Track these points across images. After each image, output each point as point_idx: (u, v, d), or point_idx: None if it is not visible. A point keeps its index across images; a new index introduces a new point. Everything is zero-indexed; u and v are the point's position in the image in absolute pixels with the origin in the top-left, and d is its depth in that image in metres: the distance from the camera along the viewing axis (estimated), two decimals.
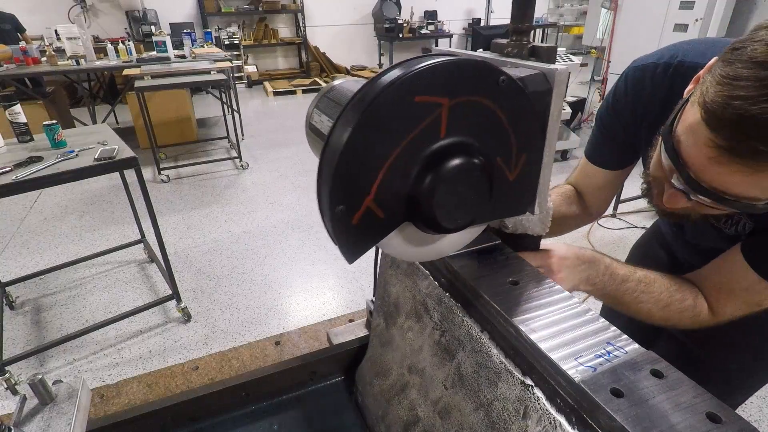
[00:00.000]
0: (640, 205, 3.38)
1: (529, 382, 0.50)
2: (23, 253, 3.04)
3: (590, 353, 0.47)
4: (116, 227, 3.33)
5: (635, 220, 3.30)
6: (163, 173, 4.10)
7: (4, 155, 1.97)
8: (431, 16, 8.98)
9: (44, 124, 2.04)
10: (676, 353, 0.99)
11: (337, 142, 0.39)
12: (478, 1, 9.30)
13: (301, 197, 3.78)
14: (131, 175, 2.10)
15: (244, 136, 5.28)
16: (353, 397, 0.95)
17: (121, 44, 4.60)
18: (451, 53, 0.43)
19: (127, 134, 4.69)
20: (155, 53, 4.70)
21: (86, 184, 3.99)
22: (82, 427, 0.62)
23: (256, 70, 8.19)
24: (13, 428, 0.58)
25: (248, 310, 2.45)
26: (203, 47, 5.86)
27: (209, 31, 7.10)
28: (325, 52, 8.62)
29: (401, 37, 8.42)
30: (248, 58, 8.21)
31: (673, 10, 5.06)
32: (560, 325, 0.51)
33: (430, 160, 0.41)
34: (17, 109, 2.04)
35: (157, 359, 2.13)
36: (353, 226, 0.41)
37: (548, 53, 0.50)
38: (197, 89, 6.88)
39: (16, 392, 1.93)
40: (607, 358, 0.46)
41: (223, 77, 4.04)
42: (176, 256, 2.93)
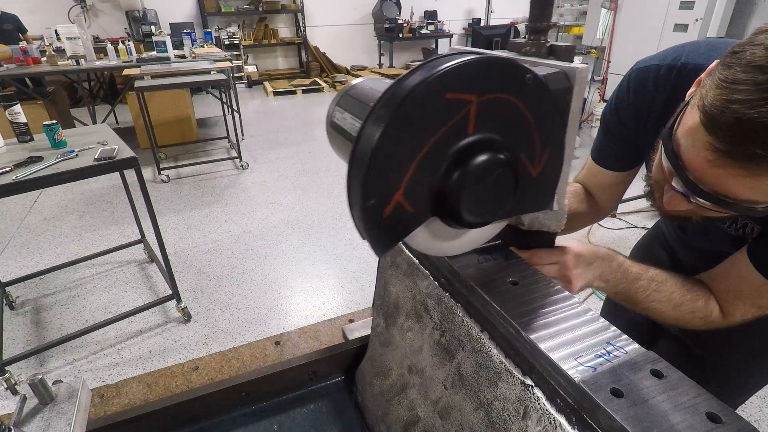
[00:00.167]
0: (640, 205, 3.38)
1: (529, 382, 0.50)
2: (23, 253, 3.04)
3: (590, 353, 0.47)
4: (116, 227, 3.33)
5: (635, 220, 3.30)
6: (163, 173, 4.10)
7: (4, 155, 1.97)
8: (431, 16, 8.98)
9: (44, 124, 2.04)
10: (676, 353, 0.99)
11: (369, 138, 0.39)
12: (478, 1, 9.30)
13: (301, 197, 3.78)
14: (131, 175, 2.10)
15: (244, 136, 5.28)
16: (353, 397, 0.95)
17: (121, 44, 4.60)
18: (472, 52, 0.44)
19: (127, 134, 4.69)
20: (155, 53, 4.71)
21: (86, 184, 3.99)
22: (82, 427, 0.62)
23: (256, 70, 8.19)
24: (13, 428, 0.58)
25: (248, 310, 2.45)
26: (203, 47, 5.86)
27: (209, 31, 7.10)
28: (325, 52, 8.62)
29: (401, 37, 8.42)
30: (248, 58, 8.21)
31: (673, 10, 5.06)
32: (560, 325, 0.51)
33: (458, 155, 0.42)
34: (17, 109, 2.04)
35: (157, 359, 2.13)
36: (383, 220, 0.42)
37: (567, 52, 0.51)
38: (197, 89, 6.88)
39: (16, 392, 1.93)
40: (607, 358, 0.46)
41: (223, 77, 4.04)
42: (176, 256, 2.93)
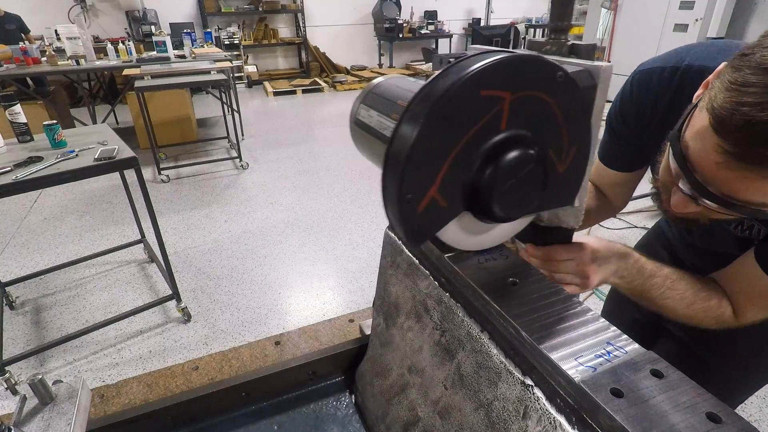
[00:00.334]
0: (640, 205, 3.38)
1: (529, 382, 0.50)
2: (23, 253, 3.04)
3: (590, 353, 0.47)
4: (116, 227, 3.33)
5: (635, 220, 3.30)
6: (163, 173, 4.10)
7: (4, 155, 1.97)
8: (431, 16, 8.98)
9: (44, 124, 2.04)
10: (677, 353, 0.99)
11: (407, 134, 0.40)
12: (478, 1, 9.30)
13: (301, 197, 3.78)
14: (131, 175, 2.10)
15: (244, 136, 5.28)
16: (353, 397, 0.95)
17: (121, 44, 4.60)
18: (498, 51, 0.44)
19: (127, 134, 4.70)
20: (155, 53, 4.71)
21: (86, 184, 3.99)
22: (82, 427, 0.62)
23: (256, 70, 8.19)
24: (13, 428, 0.58)
25: (248, 310, 2.45)
26: (203, 47, 5.86)
27: (209, 31, 7.10)
28: (325, 52, 8.62)
29: (401, 37, 8.42)
30: (248, 58, 8.21)
31: (673, 10, 5.06)
32: (560, 325, 0.51)
33: (491, 151, 0.44)
34: (17, 109, 2.04)
35: (157, 359, 2.13)
36: (418, 214, 0.43)
37: (588, 51, 0.51)
38: (197, 89, 6.87)
39: (16, 392, 1.93)
40: (607, 358, 0.46)
41: (223, 77, 4.04)
42: (176, 256, 2.93)
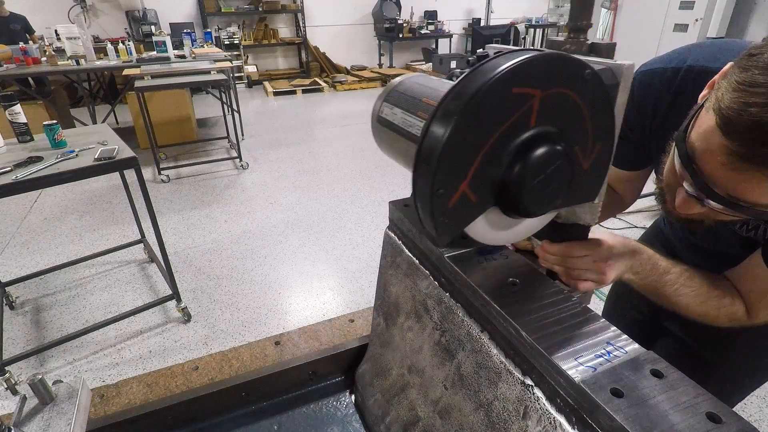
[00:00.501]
0: (640, 205, 3.38)
1: (529, 382, 0.50)
2: (23, 253, 3.04)
3: (590, 353, 0.47)
4: (116, 227, 3.33)
5: (635, 220, 3.30)
6: (163, 173, 4.10)
7: (4, 155, 1.97)
8: (431, 16, 8.97)
9: (44, 124, 2.04)
10: (677, 352, 0.99)
11: (440, 130, 0.41)
12: (478, 1, 9.30)
13: (301, 197, 3.78)
14: (131, 175, 2.10)
15: (244, 136, 5.28)
16: (353, 397, 0.95)
17: (121, 44, 4.60)
18: (522, 50, 0.45)
19: (127, 134, 4.69)
20: (155, 53, 4.70)
21: (86, 184, 3.99)
22: (82, 427, 0.62)
23: (256, 70, 8.19)
24: (13, 428, 0.58)
25: (248, 310, 2.45)
26: (203, 47, 5.86)
27: (209, 31, 7.10)
28: (325, 52, 8.62)
29: (401, 37, 8.42)
30: (248, 58, 8.21)
31: (673, 10, 5.06)
32: (560, 325, 0.51)
33: (520, 147, 0.45)
34: (17, 109, 2.04)
35: (157, 359, 2.13)
36: (449, 209, 0.45)
37: (608, 50, 0.52)
38: (197, 89, 6.87)
39: (16, 392, 1.93)
40: (607, 358, 0.46)
41: (223, 77, 4.04)
42: (176, 256, 2.93)
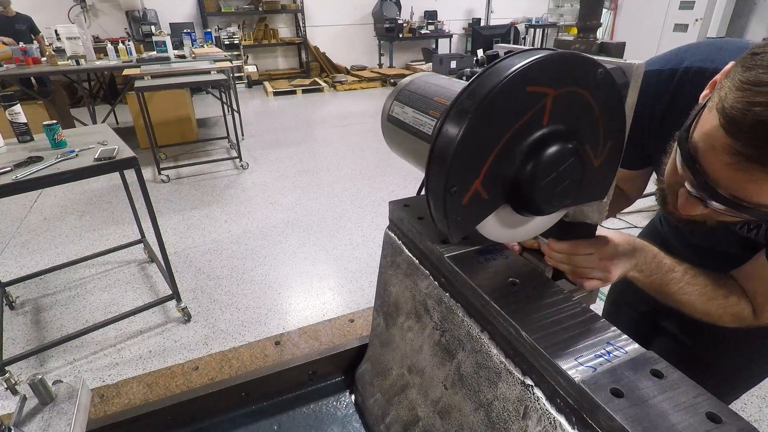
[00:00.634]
0: (639, 205, 3.38)
1: (529, 382, 0.50)
2: (23, 253, 3.04)
3: (590, 353, 0.47)
4: (116, 227, 3.33)
5: (635, 220, 3.30)
6: (163, 173, 4.10)
7: (4, 155, 1.97)
8: (431, 16, 8.97)
9: (44, 124, 2.04)
10: (672, 351, 0.99)
11: (455, 128, 0.42)
12: (478, 1, 9.30)
13: (301, 197, 3.78)
14: (131, 175, 2.10)
15: (244, 136, 5.28)
16: (353, 397, 0.95)
17: (121, 44, 4.60)
18: (534, 49, 0.45)
19: (127, 134, 4.69)
20: (155, 53, 4.70)
21: (86, 184, 3.99)
22: (82, 427, 0.62)
23: (256, 70, 8.19)
24: (13, 428, 0.58)
25: (248, 310, 2.45)
26: (203, 47, 5.86)
27: (209, 31, 7.10)
28: (325, 52, 8.62)
29: (401, 37, 8.42)
30: (248, 58, 8.21)
31: (673, 10, 5.06)
32: (560, 325, 0.51)
33: (533, 146, 0.45)
34: (17, 109, 2.04)
35: (157, 359, 2.13)
36: (462, 206, 0.45)
37: (617, 49, 0.53)
38: (197, 89, 6.87)
39: (16, 392, 1.93)
40: (607, 358, 0.46)
41: (223, 77, 4.04)
42: (176, 256, 2.93)
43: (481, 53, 0.59)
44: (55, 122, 2.07)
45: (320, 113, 6.54)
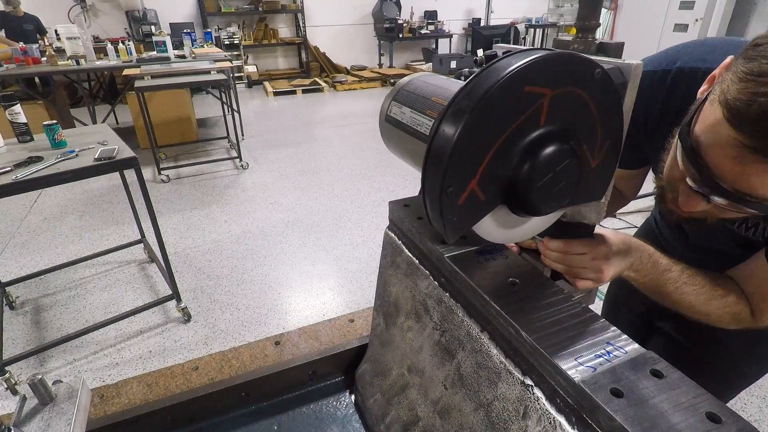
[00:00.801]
0: (639, 205, 3.38)
1: (529, 382, 0.50)
2: (23, 253, 3.04)
3: (590, 353, 0.47)
4: (116, 227, 3.33)
5: (635, 220, 3.30)
6: (163, 173, 4.10)
7: (4, 155, 1.97)
8: (431, 16, 8.97)
9: (44, 124, 2.04)
10: (668, 351, 0.99)
11: (452, 128, 0.41)
12: (478, 1, 9.30)
13: (301, 197, 3.78)
14: (131, 175, 2.10)
15: (244, 136, 5.28)
16: (353, 397, 0.95)
17: (121, 44, 4.60)
18: (531, 49, 0.45)
19: (127, 134, 4.70)
20: (155, 53, 4.71)
21: (86, 184, 3.99)
22: (82, 427, 0.62)
23: (256, 70, 8.19)
24: (13, 428, 0.58)
25: (248, 310, 2.45)
26: (203, 47, 5.86)
27: (209, 31, 7.10)
28: (325, 52, 8.62)
29: (401, 37, 8.42)
30: (248, 58, 8.21)
31: (673, 10, 5.06)
32: (560, 325, 0.51)
33: (530, 146, 0.45)
34: (17, 109, 2.04)
35: (157, 359, 2.13)
36: (458, 206, 0.45)
37: (616, 49, 0.53)
38: (197, 89, 6.87)
39: (16, 392, 1.93)
40: (607, 358, 0.46)
41: (223, 77, 4.04)
42: (176, 256, 2.93)
43: (480, 53, 0.59)
44: (55, 122, 2.07)
45: (320, 113, 6.54)
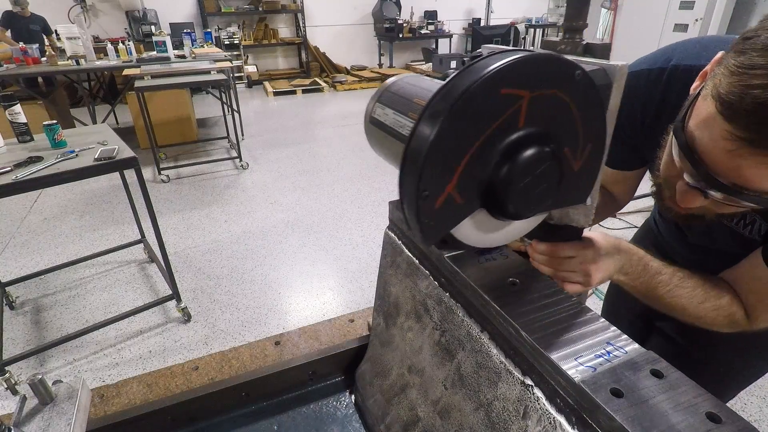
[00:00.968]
0: (639, 205, 3.38)
1: (529, 382, 0.50)
2: (23, 253, 3.04)
3: (590, 353, 0.47)
4: (116, 227, 3.33)
5: (635, 220, 3.30)
6: (163, 173, 4.10)
7: (4, 155, 1.97)
8: (431, 16, 8.98)
9: (44, 124, 2.04)
10: (666, 351, 0.99)
11: (427, 131, 0.41)
12: (478, 1, 9.30)
13: (301, 197, 3.78)
14: (131, 175, 2.10)
15: (244, 136, 5.28)
16: (353, 397, 0.95)
17: (121, 44, 4.60)
18: (514, 50, 0.44)
19: (127, 134, 4.69)
20: (155, 53, 4.71)
21: (86, 184, 3.99)
22: (82, 427, 0.62)
23: (256, 70, 8.19)
24: (13, 428, 0.58)
25: (248, 310, 2.45)
26: (203, 47, 5.86)
27: (209, 31, 7.10)
28: (325, 52, 8.62)
29: (401, 37, 8.42)
30: (248, 58, 8.21)
31: (673, 10, 5.06)
32: (560, 325, 0.51)
33: (508, 149, 0.44)
34: (17, 109, 2.04)
35: (157, 359, 2.13)
36: (435, 210, 0.44)
37: (603, 50, 0.52)
38: (197, 89, 6.88)
39: (16, 392, 1.93)
40: (607, 358, 0.46)
41: (223, 77, 4.04)
42: (176, 256, 2.93)
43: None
44: (55, 122, 2.08)
45: (320, 113, 6.54)
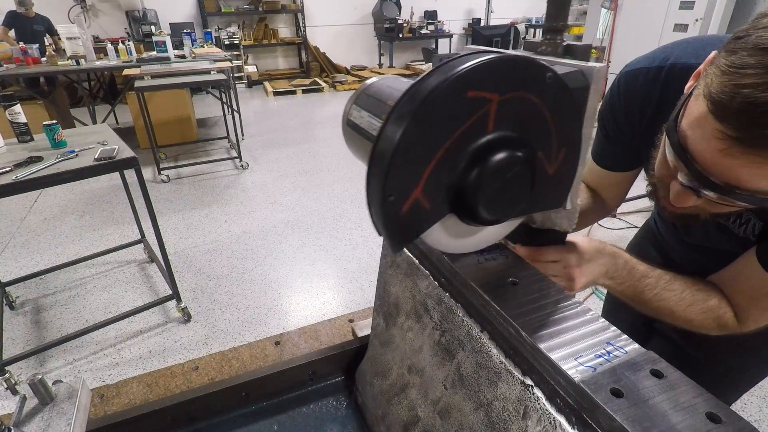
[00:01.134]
0: (639, 205, 3.38)
1: (529, 382, 0.50)
2: (23, 253, 3.04)
3: (590, 353, 0.47)
4: (116, 227, 3.33)
5: (635, 220, 3.30)
6: (163, 173, 4.10)
7: (4, 155, 1.97)
8: (431, 16, 8.98)
9: (44, 124, 2.04)
10: (667, 351, 0.99)
11: (392, 134, 0.40)
12: (478, 1, 9.30)
13: (301, 197, 3.78)
14: (131, 175, 2.10)
15: (244, 136, 5.28)
16: (353, 397, 0.95)
17: (121, 44, 4.60)
18: (489, 51, 0.44)
19: (127, 134, 4.70)
20: (155, 53, 4.71)
21: (86, 184, 3.99)
22: (82, 427, 0.62)
23: (256, 70, 8.19)
24: (13, 428, 0.58)
25: (248, 310, 2.45)
26: (203, 47, 5.86)
27: (209, 31, 7.10)
28: (325, 52, 8.62)
29: (401, 37, 8.42)
30: (248, 58, 8.21)
31: (673, 10, 5.06)
32: (560, 325, 0.51)
33: (477, 153, 0.43)
34: (17, 109, 2.04)
35: (157, 359, 2.13)
36: (401, 216, 0.43)
37: (583, 51, 0.51)
38: (197, 89, 6.88)
39: (16, 392, 1.93)
40: (607, 358, 0.46)
41: (223, 77, 4.04)
42: (176, 256, 2.93)
43: None
44: (55, 122, 2.08)
45: (320, 113, 6.54)
